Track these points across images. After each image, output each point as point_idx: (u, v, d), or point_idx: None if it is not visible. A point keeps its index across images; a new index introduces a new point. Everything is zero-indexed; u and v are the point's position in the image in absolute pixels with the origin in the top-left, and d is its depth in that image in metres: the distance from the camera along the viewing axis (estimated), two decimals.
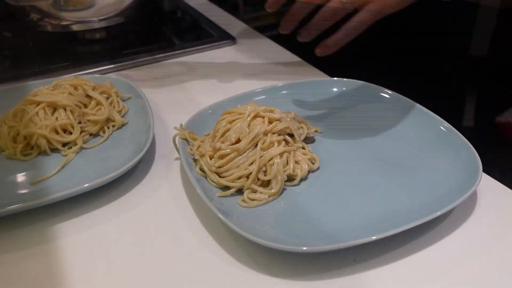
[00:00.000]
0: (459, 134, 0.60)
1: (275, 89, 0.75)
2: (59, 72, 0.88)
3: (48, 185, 0.58)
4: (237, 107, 0.62)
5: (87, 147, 0.65)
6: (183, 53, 0.97)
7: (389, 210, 0.52)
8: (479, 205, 0.54)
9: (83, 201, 0.56)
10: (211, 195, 0.54)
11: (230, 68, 0.92)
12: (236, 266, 0.47)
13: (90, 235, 0.52)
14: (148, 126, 0.65)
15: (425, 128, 0.63)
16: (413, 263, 0.47)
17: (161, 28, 1.11)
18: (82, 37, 1.02)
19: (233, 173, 0.55)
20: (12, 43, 1.05)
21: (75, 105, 0.67)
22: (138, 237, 0.52)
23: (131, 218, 0.54)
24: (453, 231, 0.51)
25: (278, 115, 0.60)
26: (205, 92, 0.83)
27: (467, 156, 0.56)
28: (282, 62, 0.94)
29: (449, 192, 0.53)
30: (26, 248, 0.51)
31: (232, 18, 1.19)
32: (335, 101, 0.74)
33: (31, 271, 0.48)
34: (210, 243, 0.50)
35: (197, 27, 1.12)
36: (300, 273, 0.46)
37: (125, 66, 0.92)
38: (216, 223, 0.53)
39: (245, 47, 1.01)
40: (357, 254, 0.48)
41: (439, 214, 0.48)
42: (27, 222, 0.54)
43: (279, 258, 0.48)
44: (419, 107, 0.67)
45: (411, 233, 0.50)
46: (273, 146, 0.57)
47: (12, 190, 0.58)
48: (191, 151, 0.60)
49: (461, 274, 0.46)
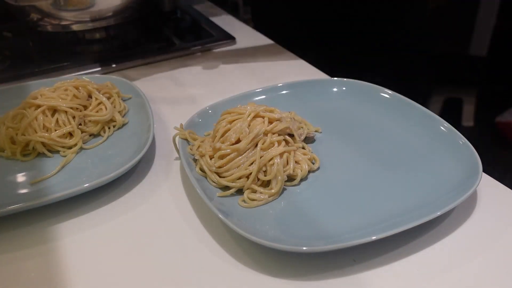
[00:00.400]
0: (459, 134, 0.60)
1: (275, 89, 0.75)
2: (59, 72, 0.88)
3: (48, 185, 0.58)
4: (237, 107, 0.62)
5: (87, 148, 0.65)
6: (183, 53, 0.97)
7: (389, 210, 0.52)
8: (479, 205, 0.54)
9: (83, 201, 0.56)
10: (211, 195, 0.54)
11: (230, 68, 0.92)
12: (236, 266, 0.47)
13: (90, 235, 0.52)
14: (148, 126, 0.65)
15: (425, 128, 0.63)
16: (413, 263, 0.47)
17: (161, 28, 1.11)
18: (82, 37, 1.02)
19: (233, 173, 0.55)
20: (12, 43, 1.05)
21: (76, 108, 0.67)
22: (138, 237, 0.52)
23: (131, 218, 0.54)
24: (453, 231, 0.51)
25: (278, 115, 0.60)
26: (205, 92, 0.83)
27: (467, 156, 0.56)
28: (282, 62, 0.94)
29: (449, 192, 0.53)
30: (26, 248, 0.51)
31: (232, 18, 1.19)
32: (335, 101, 0.74)
33: (31, 271, 0.48)
34: (210, 243, 0.50)
35: (197, 27, 1.12)
36: (300, 273, 0.46)
37: (125, 66, 0.92)
38: (216, 223, 0.53)
39: (245, 47, 1.01)
40: (357, 254, 0.48)
41: (439, 214, 0.48)
42: (27, 222, 0.54)
43: (279, 258, 0.48)
44: (419, 107, 0.67)
45: (411, 233, 0.50)
46: (273, 146, 0.57)
47: (12, 190, 0.58)
48: (191, 151, 0.60)
49: (461, 274, 0.46)
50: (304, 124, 0.66)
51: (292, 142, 0.59)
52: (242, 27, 1.12)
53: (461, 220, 0.52)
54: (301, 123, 0.66)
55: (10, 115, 0.66)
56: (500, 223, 0.52)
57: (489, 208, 0.54)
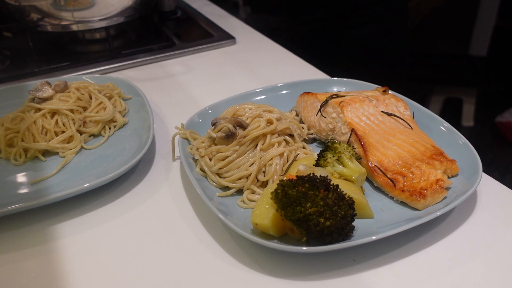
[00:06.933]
0: (459, 134, 0.60)
1: (275, 89, 0.75)
2: (59, 72, 0.88)
3: (48, 185, 0.58)
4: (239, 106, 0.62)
5: (87, 148, 0.65)
6: (183, 53, 0.97)
7: (389, 210, 0.52)
8: (479, 205, 0.54)
9: (83, 201, 0.56)
10: (211, 195, 0.54)
11: (230, 68, 0.92)
12: (236, 266, 0.47)
13: (90, 235, 0.52)
14: (148, 126, 0.65)
15: (425, 128, 0.63)
16: (413, 263, 0.47)
17: (161, 28, 1.11)
18: (82, 37, 1.02)
19: (234, 174, 0.55)
20: (12, 43, 1.05)
21: (76, 110, 0.67)
22: (138, 237, 0.52)
23: (131, 218, 0.54)
24: (453, 231, 0.51)
25: (277, 115, 0.60)
26: (205, 92, 0.83)
27: (467, 156, 0.56)
28: (282, 62, 0.94)
29: (449, 192, 0.53)
30: (26, 248, 0.51)
31: (232, 18, 1.19)
32: None
33: (31, 271, 0.48)
34: (210, 243, 0.50)
35: (197, 27, 1.12)
36: (300, 273, 0.46)
37: (125, 66, 0.92)
38: (216, 223, 0.53)
39: (245, 47, 1.01)
40: (357, 254, 0.48)
41: (439, 214, 0.48)
42: (27, 222, 0.54)
43: (279, 258, 0.48)
44: (419, 107, 0.67)
45: (411, 233, 0.50)
46: (273, 146, 0.57)
47: (12, 190, 0.58)
48: (191, 151, 0.60)
49: (461, 274, 0.46)
50: (304, 124, 0.66)
51: (292, 142, 0.59)
52: (242, 27, 1.12)
53: (461, 220, 0.52)
54: (301, 123, 0.66)
55: (9, 117, 0.66)
56: (500, 223, 0.52)
57: (489, 208, 0.54)
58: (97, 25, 0.94)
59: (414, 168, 0.54)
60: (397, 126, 0.60)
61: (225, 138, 0.57)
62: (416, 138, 0.58)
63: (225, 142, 0.57)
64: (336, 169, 0.52)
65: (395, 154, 0.56)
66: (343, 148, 0.54)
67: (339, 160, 0.53)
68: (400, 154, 0.56)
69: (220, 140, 0.57)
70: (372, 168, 0.54)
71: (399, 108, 0.63)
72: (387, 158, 0.55)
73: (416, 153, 0.56)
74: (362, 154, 0.56)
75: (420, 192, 0.51)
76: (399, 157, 0.55)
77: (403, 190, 0.51)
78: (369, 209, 0.50)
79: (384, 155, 0.56)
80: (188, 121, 0.65)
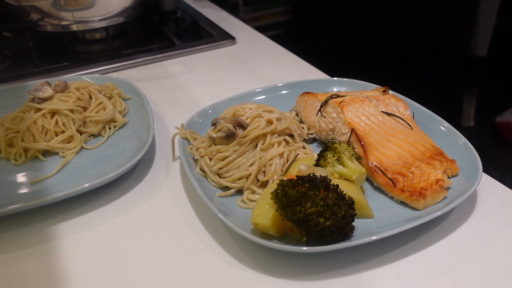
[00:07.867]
0: (459, 134, 0.60)
1: (275, 89, 0.75)
2: (59, 72, 0.88)
3: (48, 185, 0.58)
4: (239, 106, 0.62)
5: (87, 148, 0.65)
6: (183, 53, 0.97)
7: (389, 210, 0.52)
8: (479, 205, 0.54)
9: (83, 201, 0.56)
10: (211, 195, 0.54)
11: (230, 68, 0.92)
12: (236, 266, 0.47)
13: (90, 235, 0.52)
14: (148, 126, 0.65)
15: (425, 128, 0.63)
16: (413, 263, 0.47)
17: (161, 28, 1.11)
18: (82, 37, 1.02)
19: (234, 174, 0.55)
20: (12, 43, 1.05)
21: (76, 110, 0.67)
22: (138, 237, 0.52)
23: (131, 218, 0.54)
24: (453, 231, 0.51)
25: (277, 115, 0.60)
26: (205, 92, 0.83)
27: (467, 156, 0.56)
28: (282, 62, 0.94)
29: (449, 192, 0.53)
30: (26, 248, 0.51)
31: (232, 18, 1.19)
32: None
33: (31, 271, 0.48)
34: (210, 243, 0.50)
35: (197, 27, 1.12)
36: (300, 273, 0.46)
37: (125, 66, 0.92)
38: (216, 223, 0.53)
39: (245, 47, 1.01)
40: (357, 254, 0.48)
41: (439, 214, 0.48)
42: (27, 222, 0.54)
43: (279, 258, 0.48)
44: (419, 107, 0.67)
45: (411, 233, 0.50)
46: (273, 146, 0.57)
47: (12, 190, 0.58)
48: (191, 151, 0.60)
49: (461, 274, 0.46)
50: (304, 124, 0.66)
51: (292, 142, 0.59)
52: (242, 27, 1.12)
53: (461, 220, 0.52)
54: (301, 123, 0.66)
55: (9, 117, 0.66)
56: (500, 223, 0.52)
57: (489, 208, 0.54)
58: (97, 25, 0.94)
59: (414, 168, 0.54)
60: (397, 126, 0.60)
61: (225, 138, 0.57)
62: (416, 138, 0.58)
63: (225, 142, 0.57)
64: (336, 169, 0.52)
65: (395, 154, 0.56)
66: (343, 148, 0.54)
67: (339, 160, 0.53)
68: (400, 154, 0.56)
69: (220, 140, 0.57)
70: (372, 168, 0.54)
71: (399, 108, 0.63)
72: (387, 158, 0.55)
73: (416, 153, 0.56)
74: (362, 154, 0.56)
75: (420, 192, 0.51)
76: (399, 157, 0.55)
77: (403, 190, 0.51)
78: (369, 209, 0.50)
79: (384, 155, 0.56)
80: (188, 121, 0.65)
